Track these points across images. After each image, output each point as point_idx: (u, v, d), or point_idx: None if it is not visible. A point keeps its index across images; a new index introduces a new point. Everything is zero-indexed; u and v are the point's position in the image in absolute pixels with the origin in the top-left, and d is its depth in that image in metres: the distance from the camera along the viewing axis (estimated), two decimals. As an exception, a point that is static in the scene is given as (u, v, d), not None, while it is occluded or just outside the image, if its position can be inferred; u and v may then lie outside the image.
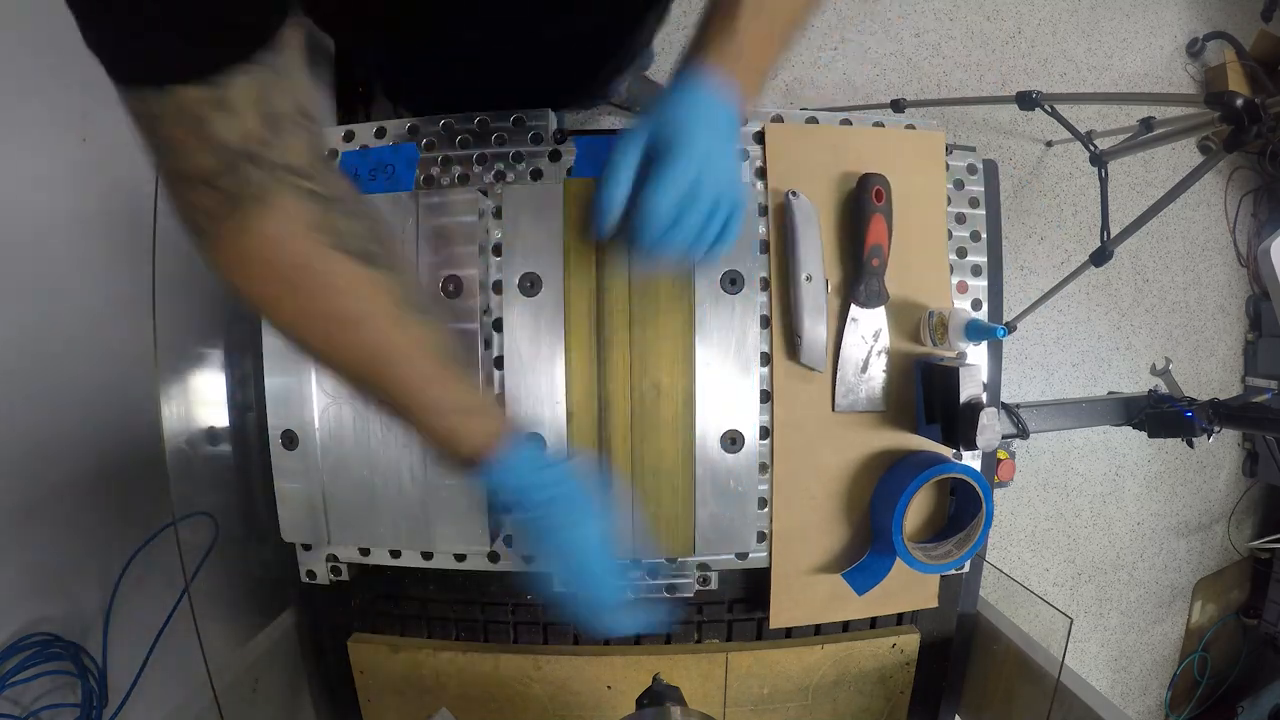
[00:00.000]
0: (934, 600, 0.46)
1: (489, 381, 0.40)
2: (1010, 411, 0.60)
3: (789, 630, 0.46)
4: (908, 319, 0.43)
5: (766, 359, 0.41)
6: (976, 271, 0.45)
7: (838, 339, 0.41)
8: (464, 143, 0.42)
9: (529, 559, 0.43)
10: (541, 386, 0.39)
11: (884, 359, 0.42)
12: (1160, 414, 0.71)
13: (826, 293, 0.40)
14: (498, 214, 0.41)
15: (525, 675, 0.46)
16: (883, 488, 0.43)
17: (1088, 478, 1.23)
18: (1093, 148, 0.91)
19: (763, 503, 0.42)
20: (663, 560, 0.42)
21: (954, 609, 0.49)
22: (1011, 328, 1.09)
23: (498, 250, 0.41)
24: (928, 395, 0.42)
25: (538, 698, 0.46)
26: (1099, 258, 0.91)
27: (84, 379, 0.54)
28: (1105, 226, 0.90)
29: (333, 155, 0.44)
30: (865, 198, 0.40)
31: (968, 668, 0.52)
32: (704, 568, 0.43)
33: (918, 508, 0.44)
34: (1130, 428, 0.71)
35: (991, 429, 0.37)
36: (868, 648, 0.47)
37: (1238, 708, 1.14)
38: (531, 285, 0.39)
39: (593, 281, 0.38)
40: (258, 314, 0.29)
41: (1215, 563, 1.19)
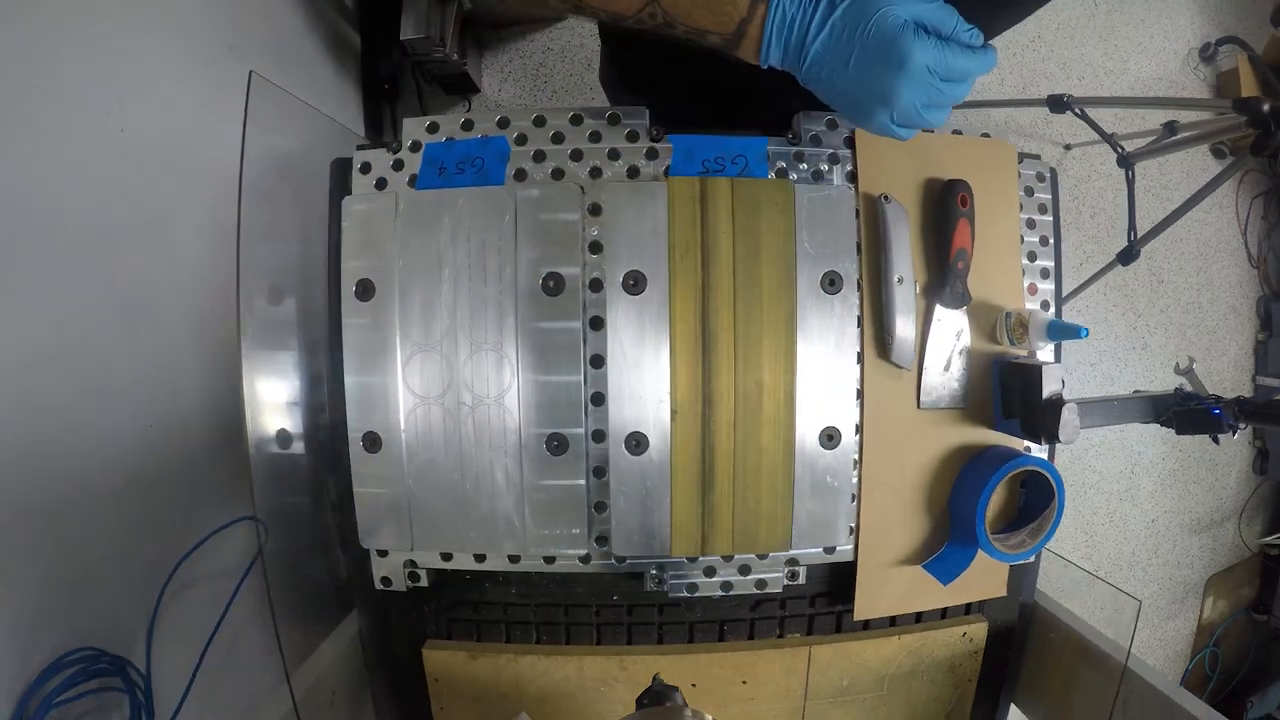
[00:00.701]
0: (1003, 589, 0.52)
1: (603, 382, 0.44)
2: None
3: (866, 622, 0.51)
4: (983, 319, 0.49)
5: (859, 357, 0.46)
6: (1045, 274, 0.52)
7: (923, 339, 0.47)
8: (557, 137, 0.46)
9: (620, 559, 0.47)
10: (646, 385, 0.43)
11: (965, 358, 0.48)
12: (1188, 411, 0.80)
13: (915, 294, 0.46)
14: (593, 210, 0.45)
15: (610, 677, 0.50)
16: (963, 480, 0.48)
17: (1104, 475, 1.35)
18: (1120, 149, 1.01)
19: (851, 497, 0.47)
20: (753, 557, 0.47)
21: (1018, 597, 0.55)
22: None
23: (594, 248, 0.44)
24: (1006, 392, 0.48)
25: (621, 699, 0.50)
26: (1126, 257, 1.01)
27: (122, 378, 0.55)
28: (1132, 226, 1.01)
29: (416, 147, 0.47)
30: (951, 203, 0.46)
31: (1024, 656, 0.58)
32: (793, 562, 0.48)
33: (991, 499, 0.50)
34: (1143, 425, 0.80)
35: (1072, 423, 0.43)
36: (940, 637, 0.53)
37: (1247, 702, 1.27)
38: (635, 283, 0.43)
39: (698, 280, 0.42)
40: None
41: (1226, 559, 1.32)
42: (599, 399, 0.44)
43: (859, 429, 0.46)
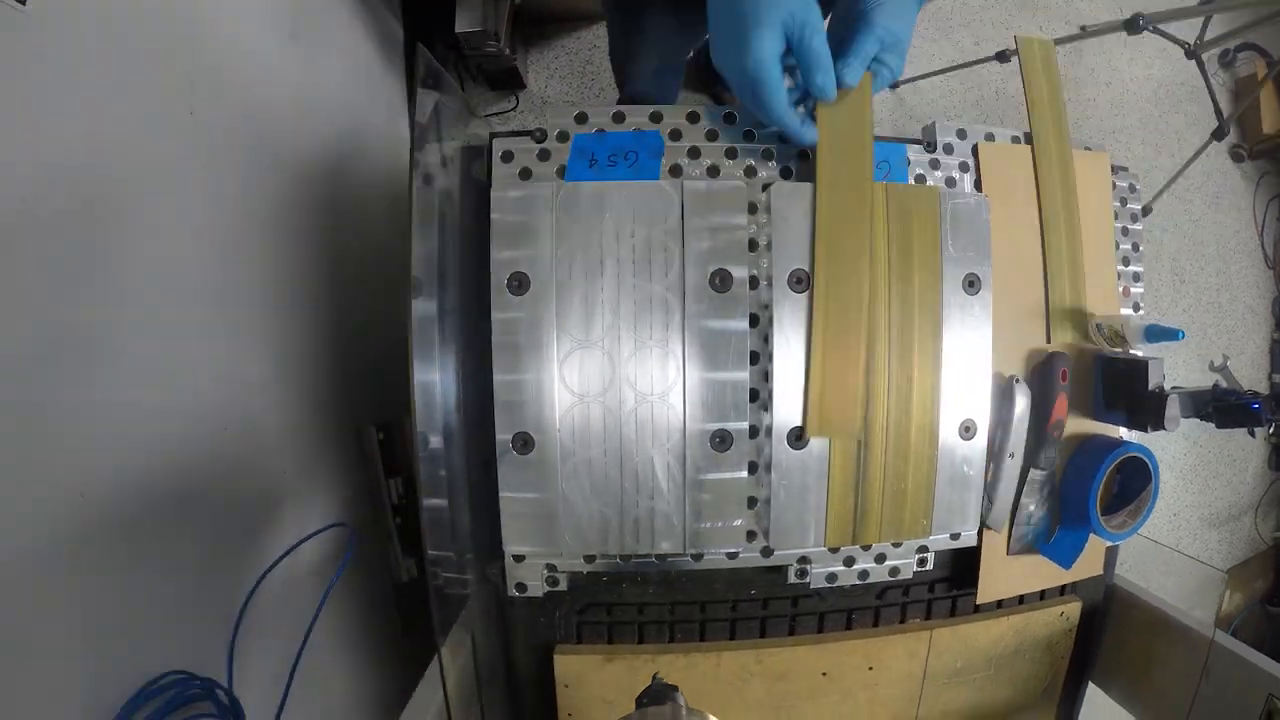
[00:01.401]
0: (1100, 568, 0.67)
1: (764, 378, 0.53)
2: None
3: (976, 605, 0.64)
4: (1079, 321, 0.63)
5: (988, 356, 0.58)
6: (1137, 279, 0.66)
7: (1016, 498, 0.60)
8: (711, 135, 0.55)
9: (768, 551, 0.56)
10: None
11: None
12: (1228, 406, 1.00)
13: (1019, 468, 0.58)
14: (751, 209, 0.54)
15: (746, 670, 0.60)
16: (1072, 468, 0.62)
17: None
18: (1187, 45, 1.23)
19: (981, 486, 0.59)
20: (888, 545, 0.58)
21: (1104, 577, 0.70)
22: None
23: (751, 245, 0.54)
24: (1108, 386, 0.62)
25: (755, 692, 0.60)
26: (1219, 134, 1.24)
27: (199, 380, 0.59)
28: (1217, 109, 1.23)
29: (563, 138, 0.54)
30: (1053, 377, 0.58)
31: (1104, 634, 0.73)
32: (923, 549, 0.60)
33: (1090, 487, 0.64)
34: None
35: (1175, 414, 0.57)
36: (1041, 617, 0.66)
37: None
38: (800, 281, 0.52)
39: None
40: None
41: (1243, 553, 1.59)
42: (763, 394, 0.54)
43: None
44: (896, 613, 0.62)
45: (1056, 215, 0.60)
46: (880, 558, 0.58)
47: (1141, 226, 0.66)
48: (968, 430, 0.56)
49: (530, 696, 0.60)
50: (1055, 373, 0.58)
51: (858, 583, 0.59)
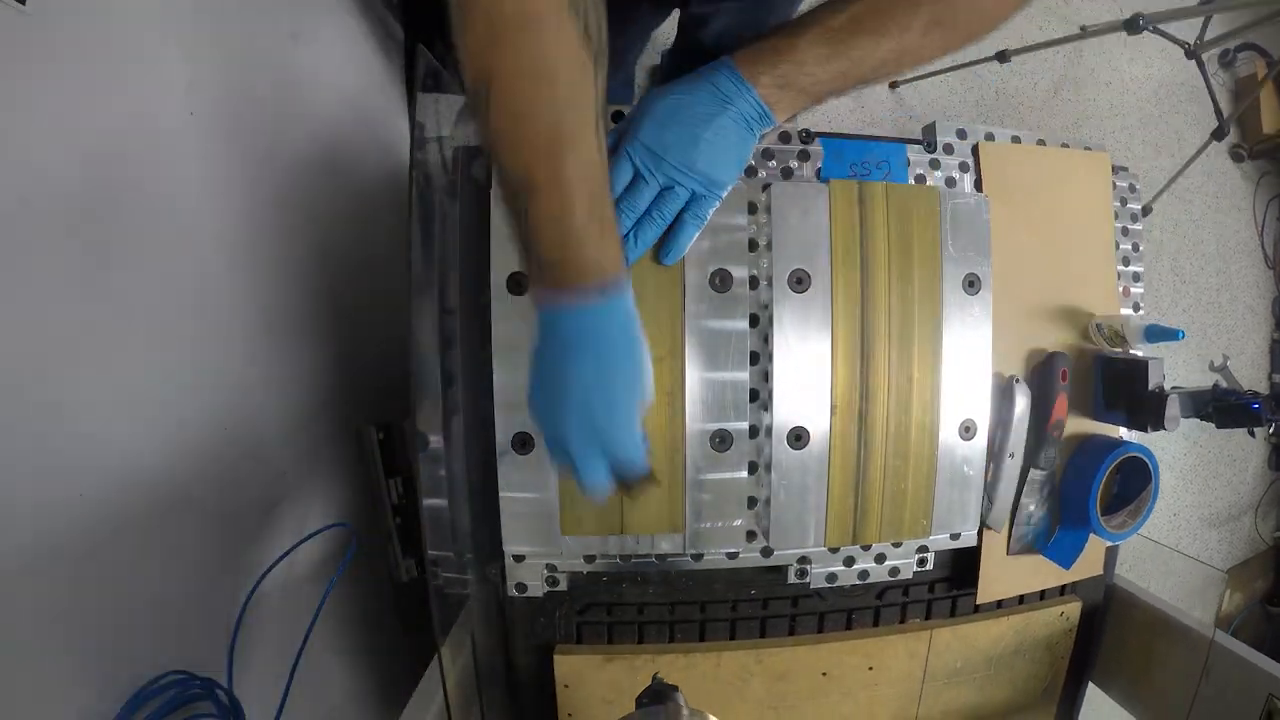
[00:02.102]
0: (1099, 568, 0.67)
1: (764, 378, 0.53)
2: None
3: (976, 605, 0.64)
4: (1079, 322, 0.63)
5: (988, 355, 0.58)
6: (1136, 278, 0.66)
7: (1016, 497, 0.60)
8: (710, 137, 0.55)
9: (768, 551, 0.56)
10: (808, 380, 0.52)
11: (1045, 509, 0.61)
12: (1228, 406, 1.00)
13: (1019, 468, 0.59)
14: (750, 209, 0.54)
15: (746, 670, 0.60)
16: (1072, 468, 0.62)
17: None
18: (1187, 45, 1.23)
19: (981, 486, 0.59)
20: (888, 545, 0.58)
21: (1104, 577, 0.70)
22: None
23: (751, 246, 0.54)
24: (1108, 386, 0.62)
25: (754, 692, 0.60)
26: (1219, 134, 1.24)
27: (198, 378, 0.59)
28: (1217, 109, 1.23)
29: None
30: (1052, 377, 0.58)
31: (1104, 634, 0.73)
32: (923, 549, 0.60)
33: (1090, 487, 0.64)
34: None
35: (1175, 414, 0.57)
36: (1041, 617, 0.66)
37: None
38: (800, 281, 0.52)
39: (858, 278, 0.53)
40: (476, 78, 0.36)
41: (1243, 553, 1.59)
42: (763, 395, 0.54)
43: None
44: (896, 613, 0.62)
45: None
46: (880, 558, 0.58)
47: (1141, 226, 0.66)
48: (968, 430, 0.56)
49: (530, 696, 0.60)
50: (1055, 373, 0.58)
51: (858, 583, 0.59)
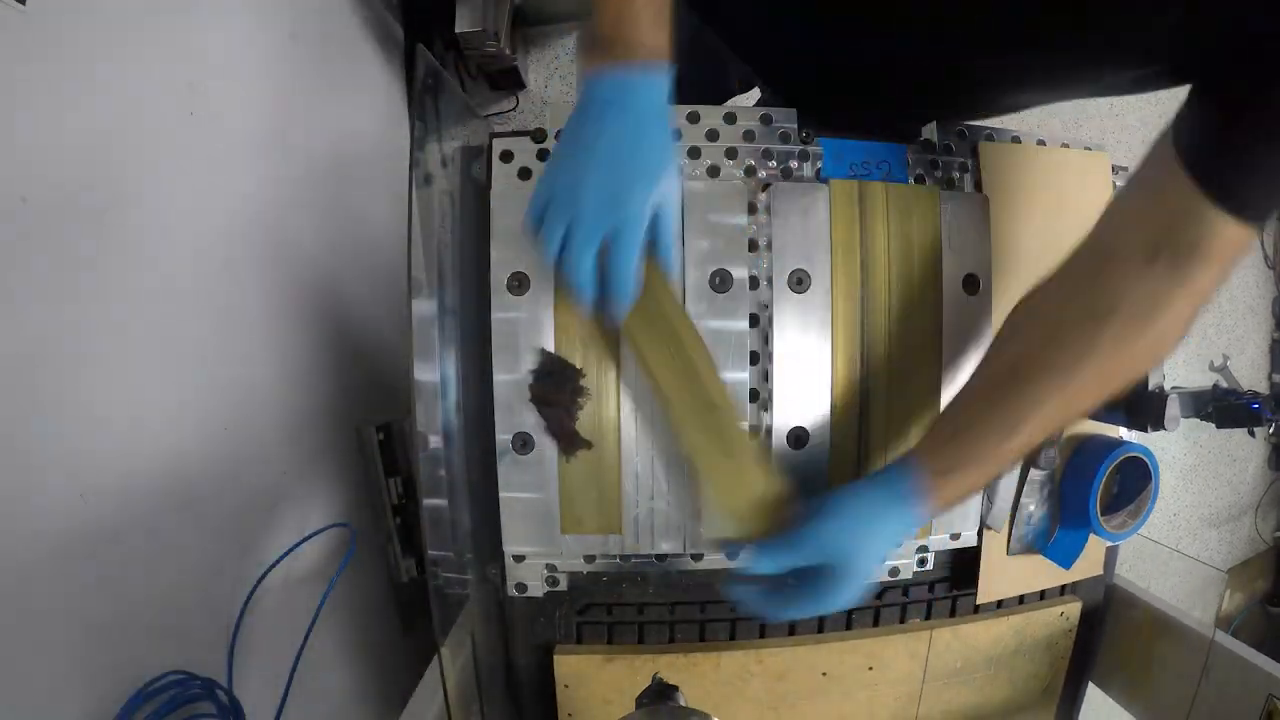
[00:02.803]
0: (1099, 568, 0.66)
1: (764, 378, 0.53)
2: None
3: (977, 605, 0.64)
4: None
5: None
6: (1137, 277, 0.66)
7: (1016, 498, 0.60)
8: (711, 135, 0.55)
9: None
10: (808, 380, 0.52)
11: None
12: (1228, 406, 1.00)
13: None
14: (750, 209, 0.54)
15: (746, 670, 0.60)
16: (1071, 468, 0.62)
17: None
18: None
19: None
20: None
21: (1104, 577, 0.70)
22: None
23: (751, 245, 0.54)
24: (1108, 386, 0.62)
25: (754, 692, 0.60)
26: None
27: (201, 375, 0.59)
28: None
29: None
30: None
31: (1103, 634, 0.73)
32: (923, 549, 0.60)
33: (1089, 487, 0.64)
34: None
35: (1175, 413, 0.57)
36: (1041, 617, 0.66)
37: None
38: (800, 281, 0.52)
39: (858, 279, 0.53)
40: None
41: (1243, 553, 1.59)
42: (763, 395, 0.54)
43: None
44: (896, 613, 0.62)
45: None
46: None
47: (1141, 226, 0.66)
48: (968, 430, 0.56)
49: (530, 696, 0.60)
50: None
51: (858, 582, 0.58)
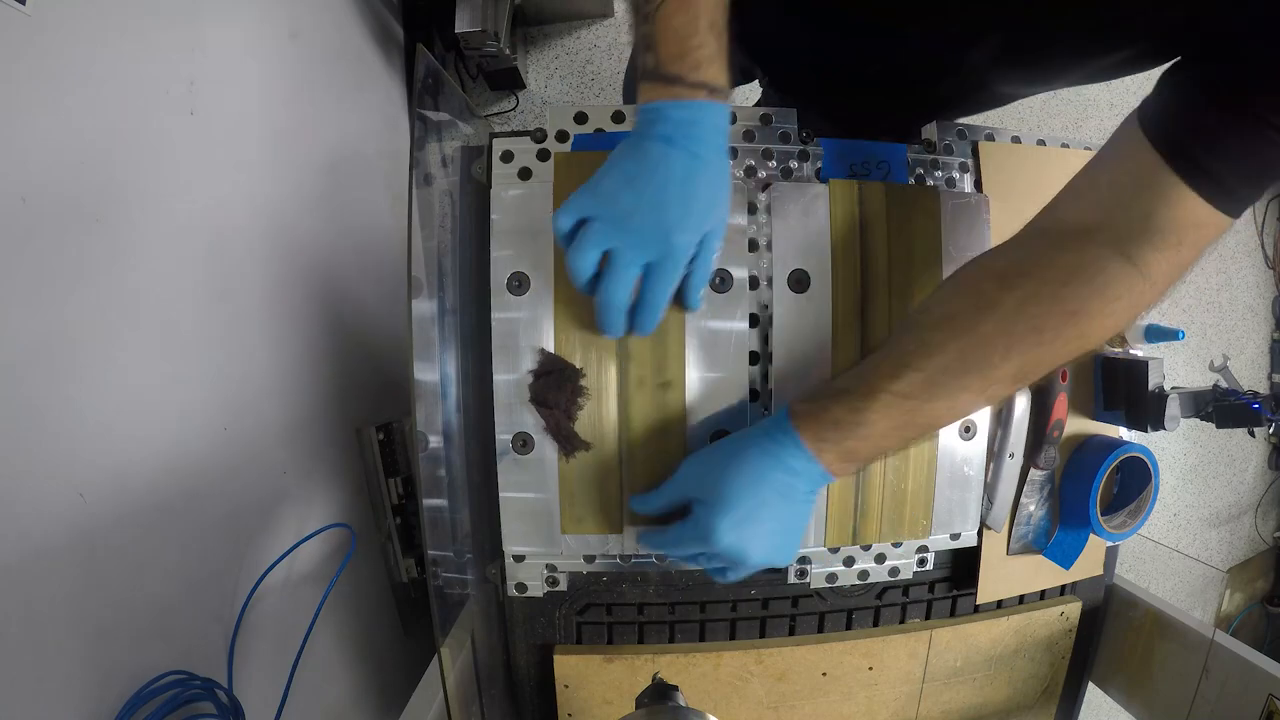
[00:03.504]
0: (1099, 568, 0.66)
1: (764, 378, 0.53)
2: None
3: (977, 605, 0.64)
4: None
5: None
6: (1137, 276, 0.66)
7: (1016, 498, 0.60)
8: (710, 137, 0.55)
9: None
10: (808, 379, 0.53)
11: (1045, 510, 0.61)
12: (1228, 406, 1.00)
13: (1019, 468, 0.58)
14: (750, 209, 0.54)
15: (746, 671, 0.60)
16: (1071, 468, 0.62)
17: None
18: None
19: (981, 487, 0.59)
20: (888, 545, 0.58)
21: (1104, 577, 0.70)
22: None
23: (751, 245, 0.54)
24: (1108, 385, 0.62)
25: (754, 692, 0.60)
26: None
27: (202, 374, 0.59)
28: None
29: (563, 138, 0.54)
30: (1052, 377, 0.57)
31: (1103, 634, 0.73)
32: (923, 550, 0.59)
33: (1090, 487, 0.64)
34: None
35: (1176, 414, 0.57)
36: (1041, 617, 0.66)
37: (1259, 692, 1.54)
38: (800, 281, 0.52)
39: (858, 278, 0.53)
40: None
41: (1243, 553, 1.59)
42: (762, 395, 0.54)
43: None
44: (896, 613, 0.62)
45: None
46: (880, 558, 0.58)
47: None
48: (968, 430, 0.56)
49: (530, 696, 0.60)
50: (1055, 373, 0.58)
51: (858, 583, 0.59)
